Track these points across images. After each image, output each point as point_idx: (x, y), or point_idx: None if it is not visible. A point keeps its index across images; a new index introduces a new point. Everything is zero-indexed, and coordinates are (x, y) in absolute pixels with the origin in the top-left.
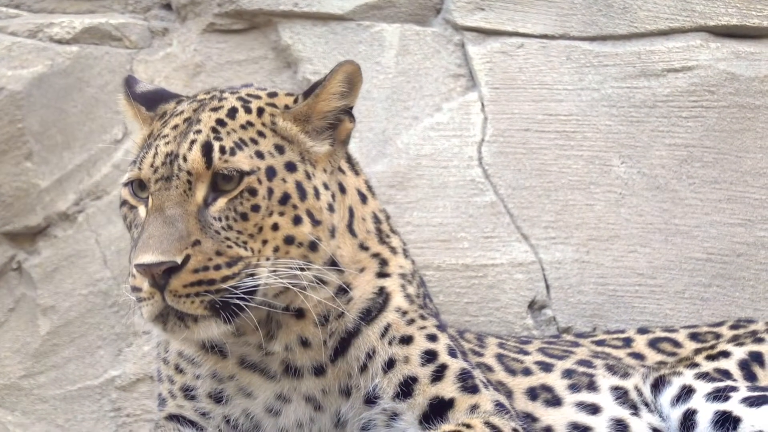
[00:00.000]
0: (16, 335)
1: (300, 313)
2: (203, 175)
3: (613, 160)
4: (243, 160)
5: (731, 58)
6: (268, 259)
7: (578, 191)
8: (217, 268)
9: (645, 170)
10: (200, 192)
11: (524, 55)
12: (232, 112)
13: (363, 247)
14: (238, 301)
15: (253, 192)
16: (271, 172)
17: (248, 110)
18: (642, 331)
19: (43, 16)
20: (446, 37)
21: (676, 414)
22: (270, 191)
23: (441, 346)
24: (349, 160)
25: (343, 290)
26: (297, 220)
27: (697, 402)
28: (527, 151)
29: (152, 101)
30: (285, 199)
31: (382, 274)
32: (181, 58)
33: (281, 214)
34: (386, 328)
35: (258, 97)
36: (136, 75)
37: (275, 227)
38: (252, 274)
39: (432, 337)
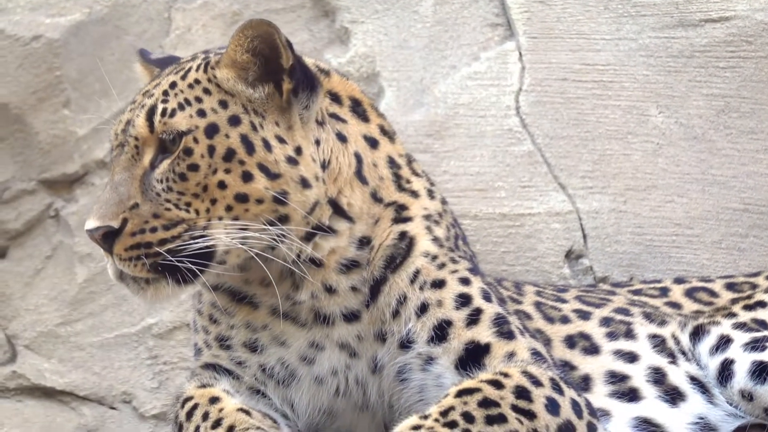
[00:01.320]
0: (54, 283)
1: (319, 262)
2: (149, 140)
3: (650, 110)
4: (181, 121)
5: None
6: (221, 219)
7: (615, 141)
8: (153, 230)
9: (682, 120)
10: (147, 156)
11: (562, 4)
12: (186, 73)
13: (376, 198)
14: (189, 264)
15: (188, 152)
16: (212, 129)
17: (198, 68)
18: (678, 281)
19: None
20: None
21: (714, 363)
22: (211, 149)
23: (474, 289)
24: (355, 108)
25: (364, 240)
26: (247, 177)
27: (734, 352)
28: (564, 101)
29: (166, 65)
30: (230, 155)
31: (400, 220)
32: (219, 7)
33: (227, 171)
34: (416, 274)
35: (219, 53)
36: (174, 23)
37: (222, 185)
38: (201, 236)
39: (465, 281)
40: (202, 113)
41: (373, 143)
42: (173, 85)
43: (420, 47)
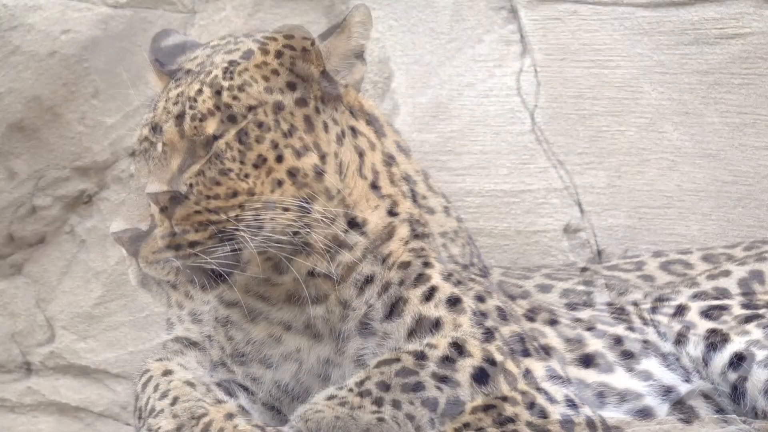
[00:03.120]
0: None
1: (334, 277)
2: (178, 144)
3: (665, 127)
4: (212, 125)
5: None
6: (248, 225)
7: (631, 158)
8: (184, 233)
9: (697, 137)
10: (176, 161)
11: (577, 21)
12: (213, 79)
13: (392, 214)
14: (217, 267)
15: (220, 156)
16: (242, 135)
17: (225, 73)
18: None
19: None
20: (499, 3)
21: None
22: (242, 154)
23: (490, 307)
24: (372, 123)
25: (380, 256)
26: (275, 184)
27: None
28: (580, 118)
29: (172, 56)
30: (260, 161)
31: (416, 236)
32: (235, 23)
33: (256, 177)
34: (431, 291)
35: (245, 57)
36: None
37: (250, 191)
38: (231, 239)
39: (480, 298)
40: (232, 119)
41: (389, 158)
42: (200, 91)
43: (435, 64)
